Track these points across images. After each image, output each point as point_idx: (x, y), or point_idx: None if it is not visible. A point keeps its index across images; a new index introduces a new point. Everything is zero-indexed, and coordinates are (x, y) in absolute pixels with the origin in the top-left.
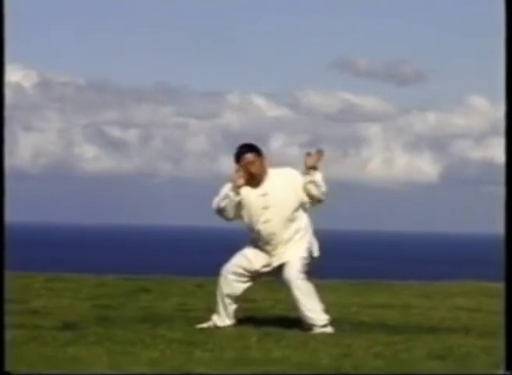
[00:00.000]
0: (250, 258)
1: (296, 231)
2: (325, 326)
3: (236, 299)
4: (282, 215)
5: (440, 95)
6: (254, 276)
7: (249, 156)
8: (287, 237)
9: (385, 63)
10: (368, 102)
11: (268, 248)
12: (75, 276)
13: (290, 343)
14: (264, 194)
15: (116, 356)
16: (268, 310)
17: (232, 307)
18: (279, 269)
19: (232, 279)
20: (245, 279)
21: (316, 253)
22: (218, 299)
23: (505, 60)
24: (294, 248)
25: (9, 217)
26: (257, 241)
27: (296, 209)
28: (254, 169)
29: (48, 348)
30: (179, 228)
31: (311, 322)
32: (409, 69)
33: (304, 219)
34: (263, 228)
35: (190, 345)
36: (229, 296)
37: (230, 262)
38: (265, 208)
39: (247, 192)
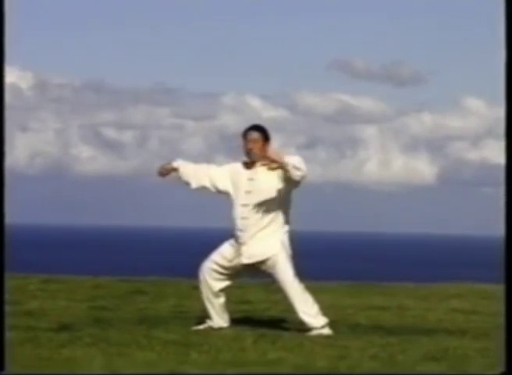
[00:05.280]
0: (225, 255)
1: (269, 224)
2: (322, 327)
3: (222, 296)
4: (261, 203)
5: (437, 97)
6: (232, 273)
7: (254, 134)
8: (259, 227)
9: (383, 65)
10: (365, 104)
11: (241, 235)
12: (70, 277)
13: (286, 344)
14: (251, 179)
15: (112, 358)
16: (263, 312)
17: (221, 305)
18: (260, 265)
19: (210, 278)
20: (223, 276)
21: (288, 252)
22: (205, 302)
23: (505, 62)
24: (266, 242)
25: (5, 218)
26: (234, 227)
27: (278, 202)
28: (253, 146)
29: (43, 349)
30: (175, 229)
31: (309, 325)
32: (406, 71)
33: (280, 216)
34: (240, 211)
35: (185, 347)
36: (213, 295)
37: (206, 262)
38: (248, 192)
39: (239, 173)
